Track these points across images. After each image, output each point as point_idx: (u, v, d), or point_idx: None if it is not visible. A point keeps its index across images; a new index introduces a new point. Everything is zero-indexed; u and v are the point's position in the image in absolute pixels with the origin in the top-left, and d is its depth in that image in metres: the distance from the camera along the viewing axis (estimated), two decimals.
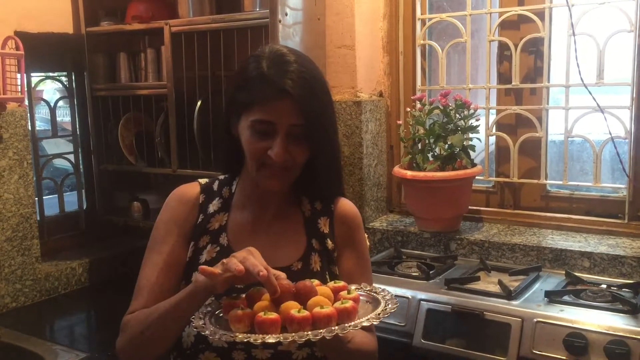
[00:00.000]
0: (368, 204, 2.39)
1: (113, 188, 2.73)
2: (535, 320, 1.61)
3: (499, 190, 2.38)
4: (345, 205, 1.41)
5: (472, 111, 2.19)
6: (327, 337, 1.05)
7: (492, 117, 2.31)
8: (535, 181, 2.26)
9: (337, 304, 1.12)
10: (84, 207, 2.75)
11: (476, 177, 2.23)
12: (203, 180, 1.40)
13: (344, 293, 1.18)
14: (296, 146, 1.24)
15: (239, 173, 1.38)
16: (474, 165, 2.20)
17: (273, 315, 1.08)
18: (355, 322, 1.09)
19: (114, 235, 2.77)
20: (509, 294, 1.73)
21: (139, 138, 2.53)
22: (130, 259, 2.63)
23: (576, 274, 1.91)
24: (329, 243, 1.36)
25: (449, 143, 2.18)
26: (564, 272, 1.93)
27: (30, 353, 1.91)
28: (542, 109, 2.21)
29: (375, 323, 1.09)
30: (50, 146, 3.08)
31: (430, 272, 1.93)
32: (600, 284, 1.83)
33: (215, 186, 1.39)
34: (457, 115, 2.18)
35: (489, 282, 1.88)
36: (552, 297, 1.71)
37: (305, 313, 1.08)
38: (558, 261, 2.01)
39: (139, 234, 2.57)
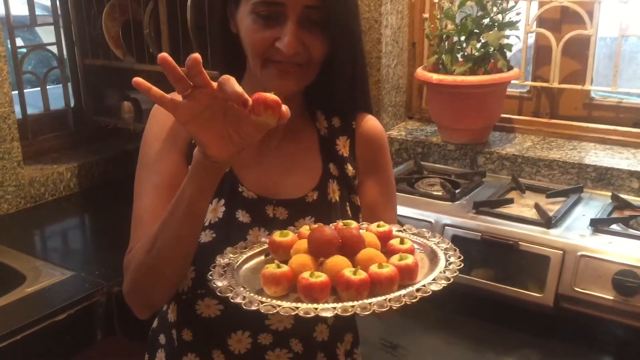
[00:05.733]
0: (385, 110, 2.12)
1: (101, 85, 2.47)
2: (579, 253, 1.40)
3: (535, 97, 2.10)
4: (369, 122, 1.16)
5: (512, 3, 1.87)
6: (395, 308, 0.82)
7: (534, 12, 1.99)
8: (579, 87, 1.97)
9: (395, 260, 0.90)
10: (72, 104, 2.50)
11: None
12: None
13: (395, 242, 0.95)
14: (311, 36, 0.97)
15: (241, 78, 1.11)
16: (510, 68, 1.91)
17: (322, 278, 0.85)
18: (423, 284, 0.87)
19: (103, 137, 2.53)
20: (548, 221, 1.50)
21: (126, 29, 2.23)
22: (122, 163, 2.41)
23: (623, 196, 1.67)
24: (349, 168, 1.12)
25: (482, 41, 1.88)
26: (609, 194, 1.69)
27: (10, 269, 1.74)
28: (595, 1, 1.88)
29: (444, 285, 0.86)
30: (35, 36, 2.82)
31: (456, 191, 1.70)
32: None
33: None
34: (495, 8, 1.87)
35: (523, 206, 1.65)
36: (599, 225, 1.48)
37: (363, 275, 0.85)
38: (602, 181, 1.76)
39: (130, 137, 2.33)
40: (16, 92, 2.24)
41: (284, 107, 0.82)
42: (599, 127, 1.97)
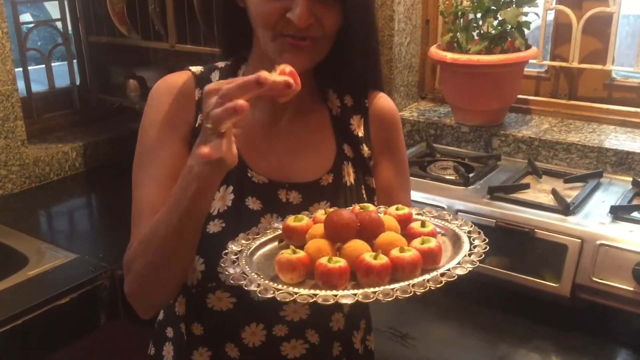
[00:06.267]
0: (397, 90, 2.05)
1: (106, 63, 2.42)
2: (598, 242, 1.34)
3: (553, 77, 2.02)
4: (382, 100, 1.10)
5: None
6: (418, 293, 0.78)
7: None
8: (599, 66, 1.89)
9: (417, 243, 0.85)
10: (77, 82, 2.46)
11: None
12: (196, 69, 1.05)
13: (416, 225, 0.91)
14: (324, 7, 0.91)
15: (245, 60, 1.06)
16: (527, 46, 1.83)
17: (341, 263, 0.81)
18: (448, 269, 0.82)
19: (109, 116, 2.49)
20: (566, 208, 1.44)
21: (131, 5, 2.16)
22: (128, 143, 2.35)
23: None
24: (365, 149, 1.07)
25: (499, 19, 1.80)
26: (630, 179, 1.62)
27: (13, 251, 1.71)
28: None
29: (470, 269, 0.82)
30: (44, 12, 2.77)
31: (470, 176, 1.64)
32: None
33: (214, 77, 1.05)
34: None
35: (540, 191, 1.58)
36: (619, 213, 1.42)
37: (384, 260, 0.81)
38: (622, 165, 1.69)
39: (136, 116, 2.26)
40: (20, 69, 2.20)
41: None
42: (619, 109, 1.89)
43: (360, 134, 1.07)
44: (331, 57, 0.99)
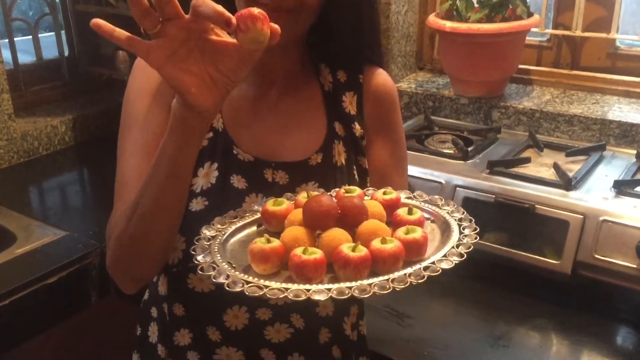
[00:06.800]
0: (394, 61, 1.99)
1: (95, 33, 2.33)
2: (601, 218, 1.29)
3: (555, 46, 1.97)
4: (379, 76, 1.05)
5: None
6: (398, 289, 0.73)
7: None
8: (603, 35, 1.83)
9: (401, 233, 0.80)
10: (65, 53, 2.39)
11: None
12: None
13: (402, 212, 0.86)
14: None
15: None
16: (529, 14, 1.77)
17: (317, 255, 0.76)
18: (432, 261, 0.77)
19: (99, 88, 2.42)
20: (567, 183, 1.39)
21: None
22: (119, 116, 2.27)
23: None
24: (357, 128, 1.02)
25: None
26: (634, 152, 1.58)
27: (1, 229, 1.67)
28: None
29: (456, 263, 0.77)
30: None
31: (469, 149, 1.59)
32: None
33: None
34: None
35: (541, 165, 1.54)
36: (623, 188, 1.38)
37: (362, 252, 0.76)
38: (626, 138, 1.65)
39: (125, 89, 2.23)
40: (6, 40, 2.13)
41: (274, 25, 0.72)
42: (624, 79, 1.84)
43: (353, 112, 1.02)
44: (322, 29, 0.93)
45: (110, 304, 1.58)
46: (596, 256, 1.28)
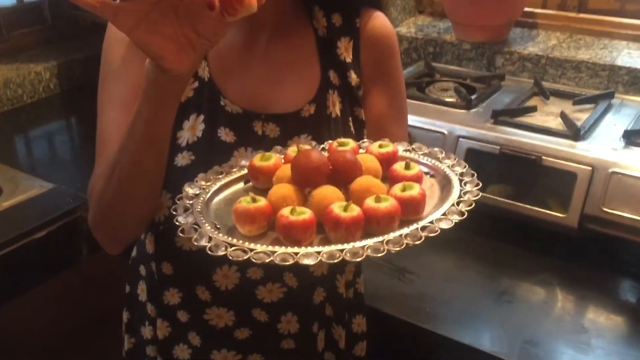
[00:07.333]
0: (393, 3, 1.90)
1: None
2: (610, 170, 1.25)
3: None
4: (377, 20, 0.98)
5: None
6: (393, 252, 0.68)
7: None
8: None
9: (397, 190, 0.75)
10: None
11: None
12: None
13: (399, 166, 0.80)
14: None
15: None
16: None
17: (306, 215, 0.71)
18: (430, 221, 0.72)
19: (83, 33, 2.31)
20: (575, 133, 1.34)
21: None
22: None
23: None
24: (353, 76, 0.95)
25: None
26: None
27: None
28: None
29: (456, 222, 0.72)
30: None
31: (472, 97, 1.52)
32: None
33: None
34: None
35: (547, 114, 1.48)
36: (633, 137, 1.32)
37: (355, 212, 0.71)
38: (636, 85, 1.59)
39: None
40: None
41: None
42: (633, 23, 1.77)
43: (348, 59, 0.96)
44: None
45: (102, 259, 1.52)
46: (604, 209, 1.24)
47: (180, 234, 0.73)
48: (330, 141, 0.88)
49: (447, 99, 1.56)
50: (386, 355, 1.19)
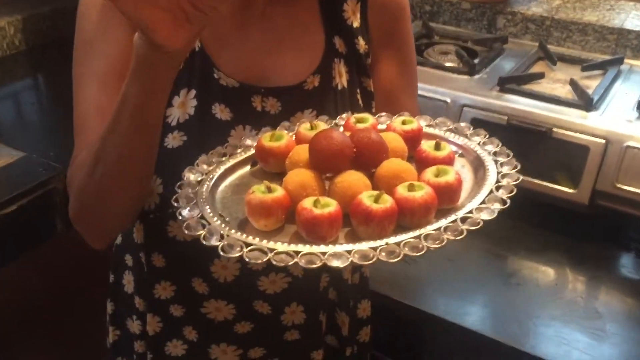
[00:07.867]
0: None
1: None
2: (625, 144, 1.18)
3: None
4: None
5: None
6: (433, 249, 0.60)
7: None
8: None
9: (430, 175, 0.66)
10: None
11: None
12: None
13: (428, 146, 0.71)
14: None
15: None
16: None
17: (332, 208, 0.62)
18: (470, 211, 0.64)
19: None
20: (588, 103, 1.26)
21: None
22: (75, 16, 2.07)
23: None
24: (361, 43, 0.86)
25: None
26: None
27: None
28: None
29: (498, 212, 0.64)
30: None
31: (475, 62, 1.43)
32: None
33: None
34: None
35: (555, 81, 1.40)
36: None
37: (388, 203, 0.62)
38: None
39: None
40: None
41: None
42: None
43: (356, 24, 0.87)
44: None
45: (78, 234, 1.44)
46: (618, 185, 1.18)
47: (186, 231, 0.64)
48: (344, 115, 0.79)
49: (448, 64, 1.46)
50: (390, 340, 1.13)
